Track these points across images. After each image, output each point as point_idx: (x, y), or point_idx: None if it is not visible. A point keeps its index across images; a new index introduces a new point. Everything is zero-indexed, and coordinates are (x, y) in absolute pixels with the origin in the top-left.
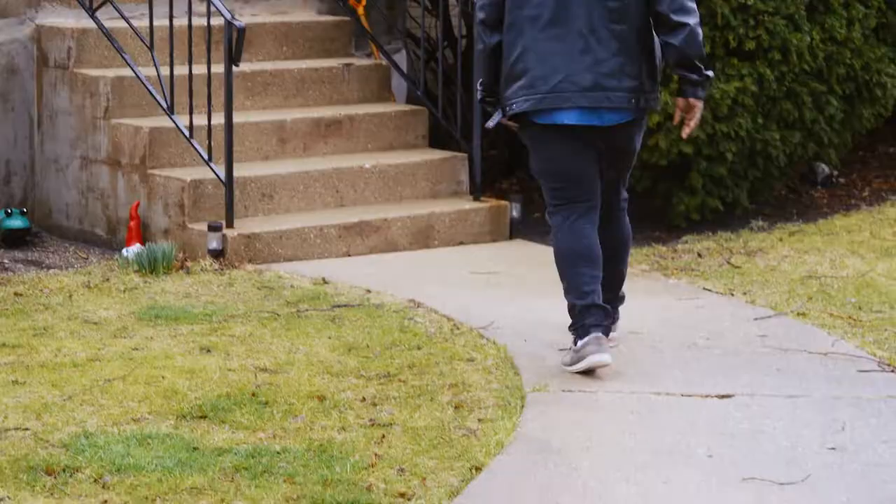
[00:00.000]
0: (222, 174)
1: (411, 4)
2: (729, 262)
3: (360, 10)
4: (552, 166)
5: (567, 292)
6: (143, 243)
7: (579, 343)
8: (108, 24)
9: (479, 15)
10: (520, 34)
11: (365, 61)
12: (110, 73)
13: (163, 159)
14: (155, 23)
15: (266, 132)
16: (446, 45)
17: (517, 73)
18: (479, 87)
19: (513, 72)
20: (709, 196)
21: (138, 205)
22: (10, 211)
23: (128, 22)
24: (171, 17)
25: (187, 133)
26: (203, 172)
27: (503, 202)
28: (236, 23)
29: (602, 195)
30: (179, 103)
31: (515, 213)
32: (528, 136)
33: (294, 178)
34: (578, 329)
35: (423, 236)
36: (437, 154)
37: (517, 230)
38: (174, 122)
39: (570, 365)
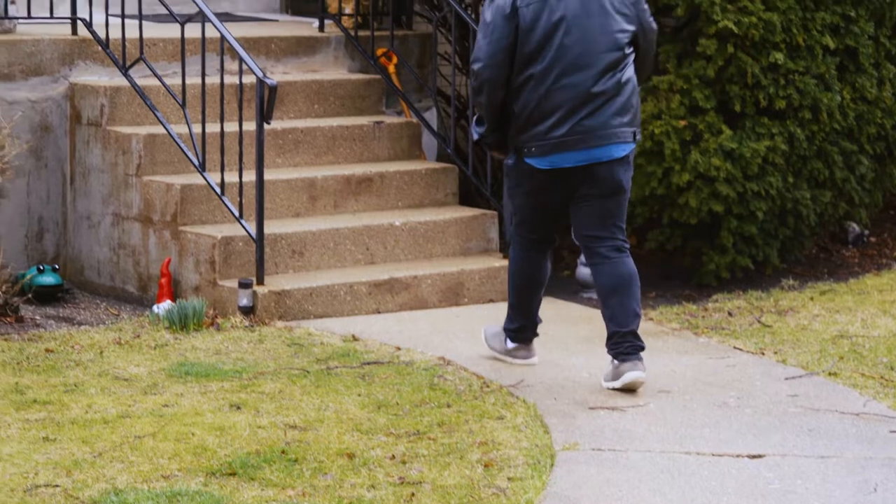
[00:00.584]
0: (253, 231)
1: (442, 63)
2: (760, 321)
3: (391, 69)
4: (535, 201)
5: (517, 303)
6: (173, 300)
7: (510, 345)
8: (140, 81)
9: (485, 74)
10: (534, 87)
11: (395, 119)
12: (143, 130)
13: (194, 216)
14: (187, 81)
15: (297, 189)
16: None
17: (534, 121)
18: (477, 131)
19: (530, 119)
20: (739, 255)
21: (169, 261)
22: (42, 268)
23: (160, 80)
24: (203, 76)
25: (219, 190)
26: (234, 229)
27: None
28: (268, 81)
29: (596, 230)
30: (211, 160)
31: None
32: (520, 171)
33: (324, 235)
34: (516, 335)
35: (453, 294)
36: (468, 211)
37: (546, 288)
38: (206, 179)
39: (500, 355)
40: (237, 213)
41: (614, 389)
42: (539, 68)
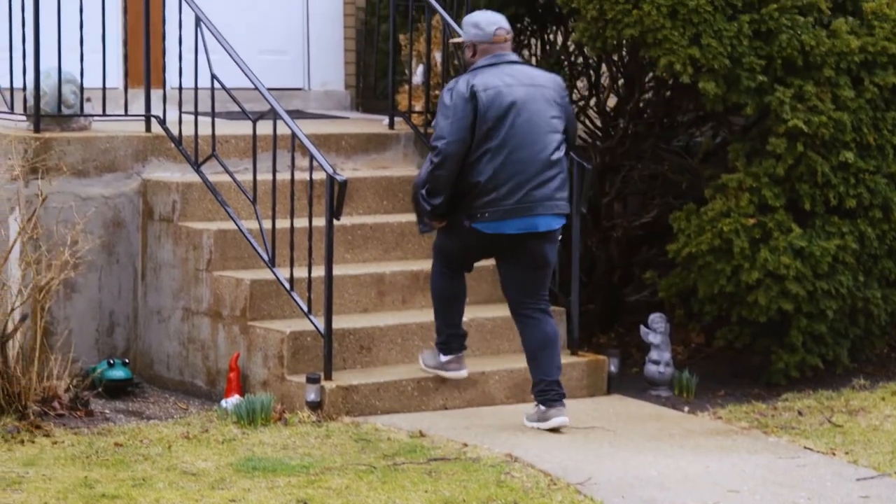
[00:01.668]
0: (321, 326)
1: None
2: (830, 421)
3: None
4: (466, 255)
5: (439, 319)
6: (242, 395)
7: (443, 358)
8: (212, 178)
9: (449, 149)
10: (489, 161)
11: None
12: (213, 226)
13: (263, 311)
14: (258, 177)
15: (365, 285)
16: None
17: (489, 190)
18: (432, 203)
19: (485, 189)
20: (809, 353)
21: (238, 356)
22: (112, 362)
23: (232, 176)
24: (273, 172)
25: (288, 286)
26: (302, 324)
27: (601, 357)
28: (338, 177)
29: (525, 297)
30: (280, 256)
31: (613, 368)
32: (463, 232)
33: (392, 330)
34: (446, 347)
35: (521, 390)
36: None
37: (614, 385)
38: (275, 274)
39: (431, 370)
40: (306, 309)
41: (550, 430)
42: (494, 144)
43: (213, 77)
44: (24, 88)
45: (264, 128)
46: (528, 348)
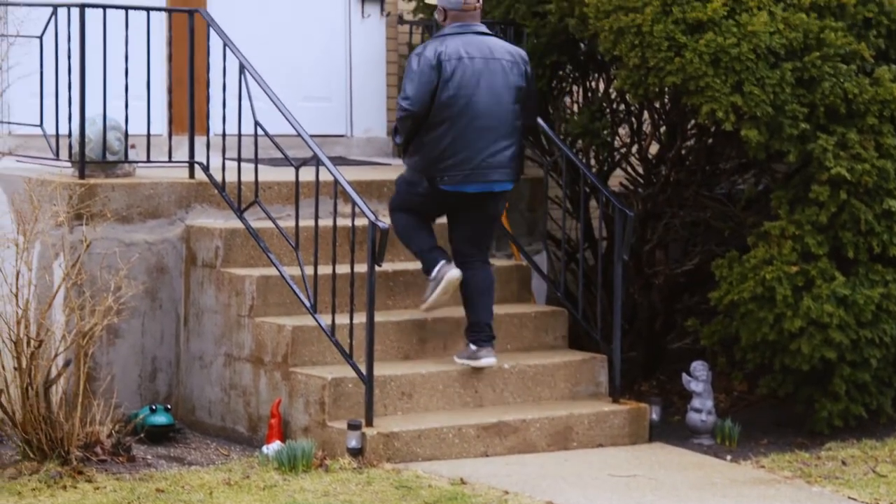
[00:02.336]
0: (363, 373)
1: (552, 206)
2: (874, 471)
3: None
4: (425, 207)
5: (415, 246)
6: (283, 441)
7: (434, 271)
8: (254, 224)
9: (412, 110)
10: (449, 128)
11: (506, 262)
12: (256, 272)
13: (304, 357)
14: (300, 223)
15: (406, 331)
16: (587, 246)
17: (448, 155)
18: (396, 140)
19: (444, 154)
20: (852, 402)
21: (279, 402)
22: (154, 407)
23: (274, 223)
24: (316, 218)
25: (329, 332)
26: (344, 371)
27: (642, 405)
28: (380, 224)
29: (472, 248)
30: (322, 302)
31: (655, 416)
32: (425, 190)
33: (434, 377)
34: (429, 262)
35: (562, 438)
36: (577, 355)
37: (656, 433)
38: (317, 320)
39: (433, 292)
40: (347, 355)
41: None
42: (454, 112)
43: (257, 124)
44: (70, 135)
45: (307, 174)
46: (467, 293)
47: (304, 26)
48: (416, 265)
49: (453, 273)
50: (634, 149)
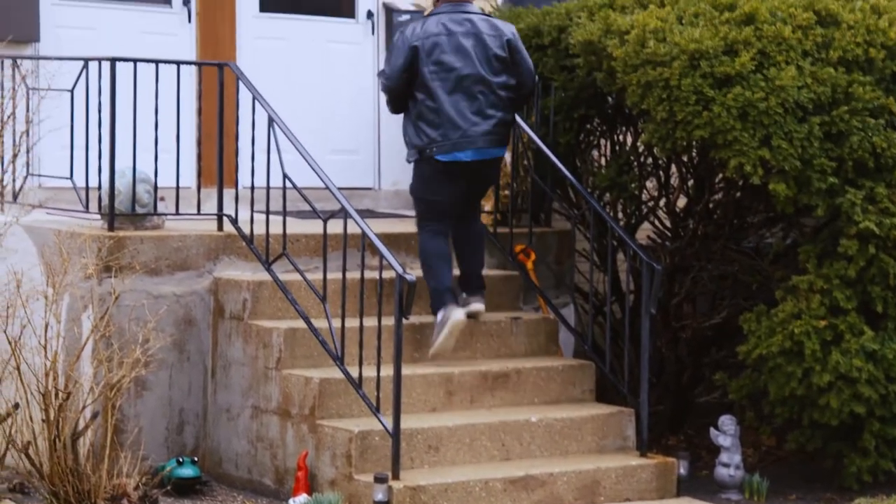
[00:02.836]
0: (389, 426)
1: (579, 259)
2: None
3: (529, 265)
4: (437, 190)
5: (431, 279)
6: (310, 493)
7: (440, 314)
8: (282, 276)
9: (390, 84)
10: (433, 99)
11: (533, 315)
12: (283, 324)
13: (331, 410)
14: (328, 275)
15: (433, 384)
16: (614, 299)
17: (435, 126)
18: (390, 107)
19: (432, 126)
20: (882, 458)
21: (306, 455)
22: (181, 460)
23: (302, 275)
24: (343, 271)
25: (356, 384)
26: (370, 423)
27: (670, 459)
28: (407, 276)
29: (464, 210)
30: (349, 354)
31: (683, 471)
32: (424, 166)
33: (460, 430)
34: (440, 303)
35: (589, 492)
36: (604, 409)
37: (684, 488)
38: (344, 373)
39: (439, 335)
40: (374, 408)
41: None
42: (437, 85)
43: (285, 176)
44: (99, 188)
45: (335, 227)
46: (457, 247)
47: (332, 80)
48: None
49: (457, 316)
50: (662, 202)
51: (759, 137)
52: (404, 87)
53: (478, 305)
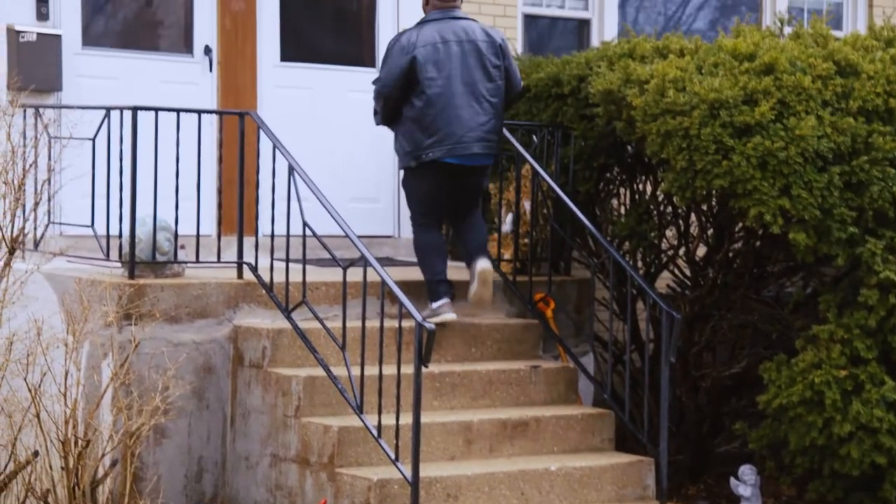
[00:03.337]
0: (408, 474)
1: (599, 308)
2: None
3: (549, 314)
4: (429, 191)
5: (426, 271)
6: None
7: (434, 304)
8: (302, 324)
9: (384, 91)
10: (430, 107)
11: (552, 363)
12: (302, 372)
13: (350, 458)
14: (347, 323)
15: (452, 432)
16: (633, 348)
17: (430, 133)
18: (375, 119)
19: (426, 132)
20: None
21: (325, 503)
22: None
23: (322, 323)
24: (363, 319)
25: (375, 433)
26: (389, 472)
27: None
28: (427, 325)
29: (466, 213)
30: (368, 402)
31: None
32: (417, 170)
33: (479, 479)
34: (434, 294)
35: None
36: (624, 458)
37: None
38: (363, 421)
39: (428, 318)
40: (393, 457)
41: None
42: (432, 92)
43: (305, 224)
44: (120, 235)
45: (354, 274)
46: (460, 237)
47: (352, 128)
48: (463, 367)
49: (449, 316)
50: (682, 251)
51: (779, 187)
52: (398, 94)
53: (483, 262)
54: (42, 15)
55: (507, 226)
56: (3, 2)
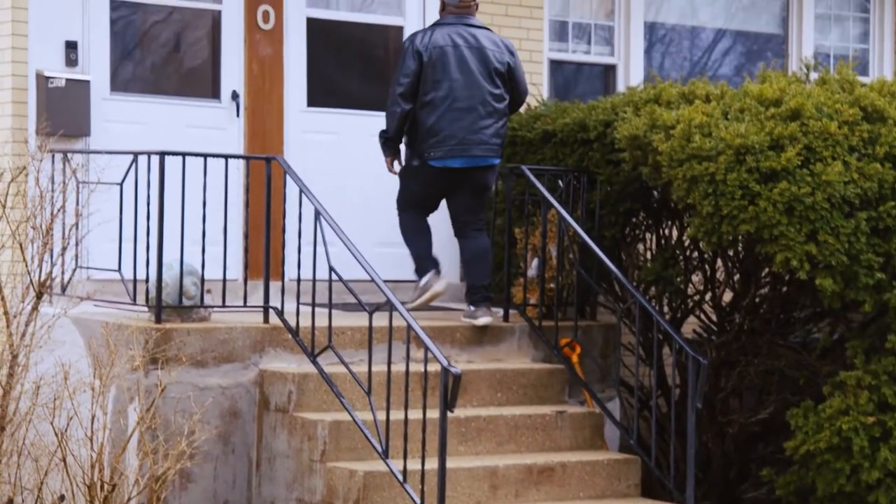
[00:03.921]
0: None
1: (625, 353)
2: None
3: (575, 359)
4: (425, 190)
5: (412, 249)
6: None
7: (422, 281)
8: (328, 368)
9: (399, 91)
10: (434, 108)
11: (578, 409)
12: (328, 417)
13: (375, 503)
14: (373, 368)
15: (478, 478)
16: (660, 393)
17: (434, 133)
18: (384, 135)
19: (431, 132)
20: None
21: None
22: None
23: (347, 368)
24: (388, 363)
25: (401, 478)
26: None
27: None
28: (452, 370)
29: (466, 217)
30: (394, 447)
31: None
32: (417, 170)
33: None
34: (421, 270)
35: None
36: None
37: None
38: (389, 466)
39: (419, 297)
40: (419, 502)
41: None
42: (438, 95)
43: (331, 269)
44: (147, 280)
45: (380, 319)
46: (464, 260)
47: (378, 173)
48: (489, 411)
49: (437, 287)
50: (708, 296)
51: (806, 232)
52: (412, 93)
53: (485, 319)
54: (71, 61)
55: (532, 270)
56: (32, 48)
